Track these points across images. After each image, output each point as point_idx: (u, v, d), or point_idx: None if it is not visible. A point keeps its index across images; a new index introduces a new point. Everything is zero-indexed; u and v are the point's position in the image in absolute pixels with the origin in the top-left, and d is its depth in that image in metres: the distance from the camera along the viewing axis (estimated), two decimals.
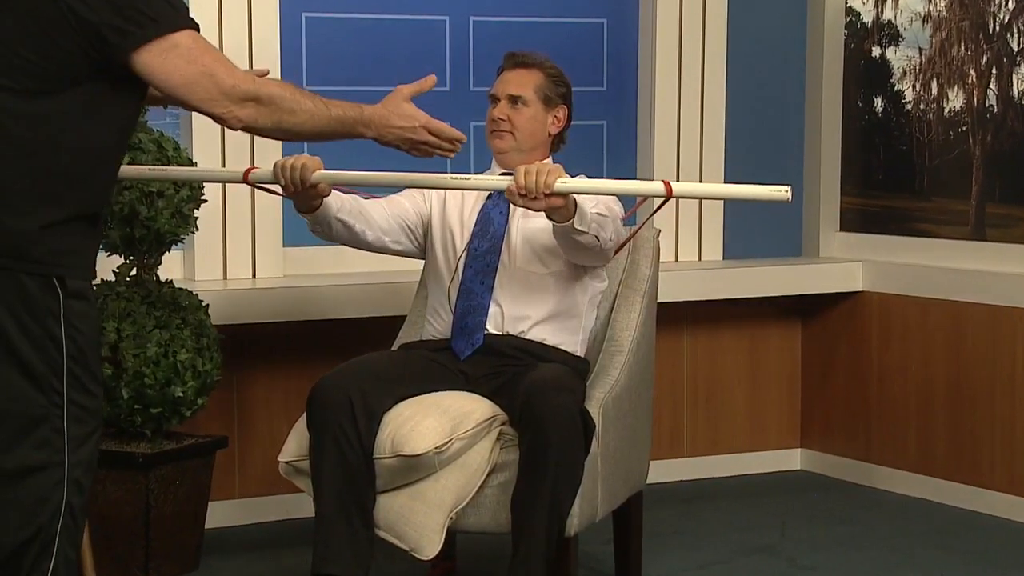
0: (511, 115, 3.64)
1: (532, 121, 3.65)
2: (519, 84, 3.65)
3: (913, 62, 4.85)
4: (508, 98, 3.65)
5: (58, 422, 2.40)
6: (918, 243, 4.82)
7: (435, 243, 3.69)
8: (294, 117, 2.57)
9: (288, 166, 3.25)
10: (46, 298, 2.37)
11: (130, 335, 3.70)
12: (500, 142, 3.66)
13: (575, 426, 3.29)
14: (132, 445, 3.79)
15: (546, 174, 3.15)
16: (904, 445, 4.79)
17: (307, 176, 3.26)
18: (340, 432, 3.31)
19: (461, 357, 3.57)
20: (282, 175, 3.25)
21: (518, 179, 3.15)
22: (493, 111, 3.66)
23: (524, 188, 3.14)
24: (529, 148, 3.66)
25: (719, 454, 5.01)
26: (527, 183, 3.15)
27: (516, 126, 3.65)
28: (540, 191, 3.14)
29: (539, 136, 3.67)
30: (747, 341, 5.04)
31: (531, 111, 3.65)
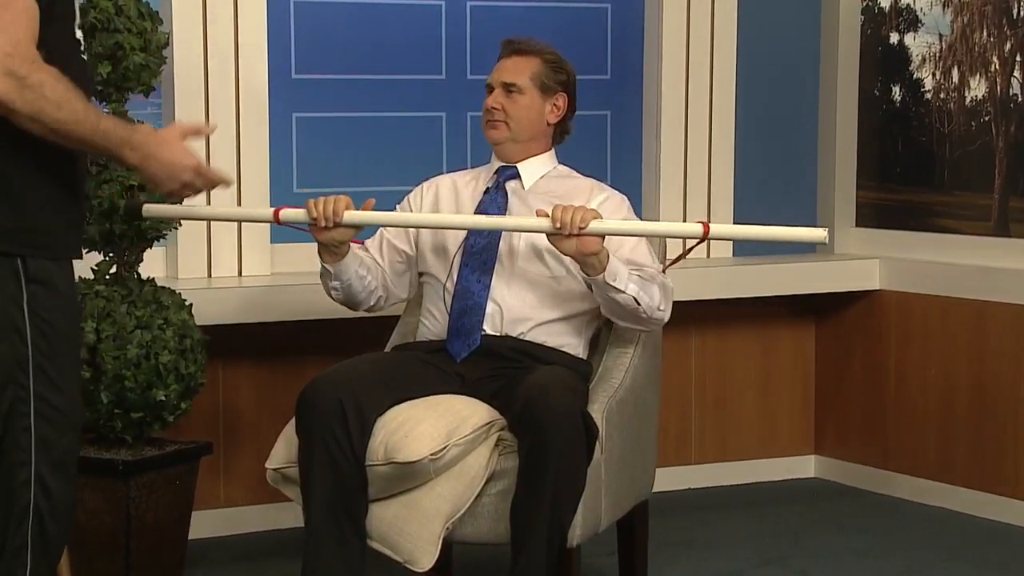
0: (505, 104, 3.65)
1: (528, 110, 3.65)
2: (514, 72, 3.66)
3: (933, 49, 4.85)
4: (502, 86, 3.65)
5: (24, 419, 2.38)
6: (938, 239, 4.82)
7: (428, 242, 3.69)
8: (58, 112, 2.47)
9: (321, 200, 3.43)
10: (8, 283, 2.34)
11: (110, 336, 3.70)
12: (495, 132, 3.67)
13: (577, 431, 3.29)
14: (112, 452, 3.79)
15: (583, 211, 3.32)
16: (924, 452, 4.79)
17: (340, 210, 3.42)
18: (331, 438, 3.31)
19: (457, 359, 3.57)
20: (314, 208, 3.42)
21: (554, 213, 3.33)
22: (488, 100, 3.66)
23: (559, 222, 3.31)
24: (526, 139, 3.67)
25: (729, 461, 5.01)
26: (563, 218, 3.31)
27: (511, 115, 3.65)
28: (575, 227, 3.31)
29: (537, 126, 3.67)
30: (758, 342, 5.04)
31: (527, 99, 3.66)
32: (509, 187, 3.69)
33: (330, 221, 3.42)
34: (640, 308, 3.47)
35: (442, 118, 4.70)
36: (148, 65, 3.75)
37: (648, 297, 3.48)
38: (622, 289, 3.44)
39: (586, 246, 3.35)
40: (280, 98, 4.47)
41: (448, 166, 4.58)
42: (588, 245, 3.35)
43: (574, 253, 3.37)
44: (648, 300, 3.48)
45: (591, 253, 3.37)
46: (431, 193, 3.76)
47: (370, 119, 4.62)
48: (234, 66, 4.32)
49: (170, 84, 4.24)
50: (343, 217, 3.42)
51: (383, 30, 4.62)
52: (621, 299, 3.45)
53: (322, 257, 3.55)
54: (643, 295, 3.47)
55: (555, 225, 3.33)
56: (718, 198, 4.94)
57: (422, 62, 4.67)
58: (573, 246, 3.35)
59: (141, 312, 3.74)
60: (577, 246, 3.35)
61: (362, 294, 3.66)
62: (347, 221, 3.43)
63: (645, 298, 3.47)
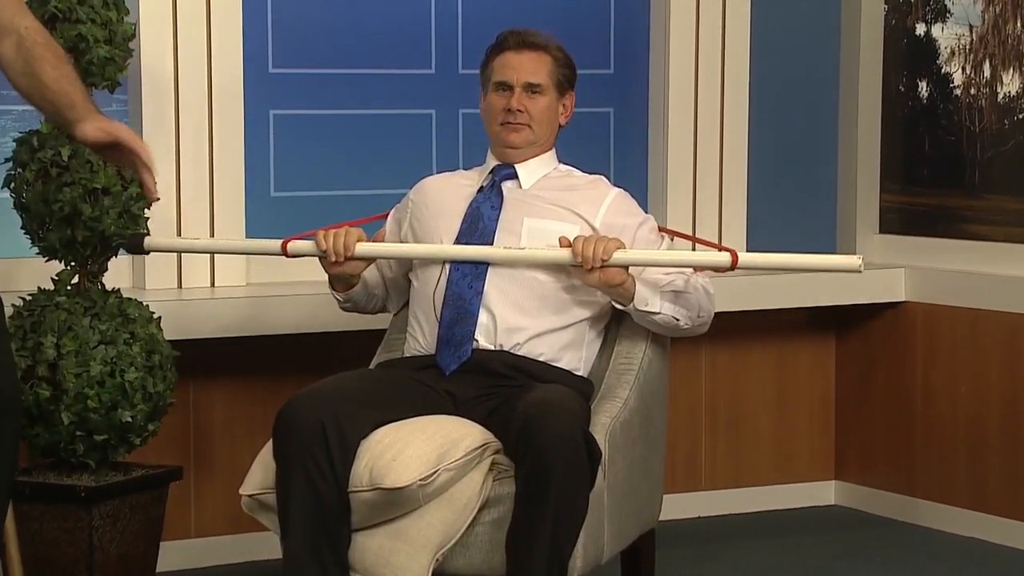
0: (528, 105, 3.67)
1: (549, 111, 3.69)
2: (534, 70, 3.67)
3: (963, 41, 4.86)
4: (525, 87, 3.66)
5: None
6: (968, 246, 4.82)
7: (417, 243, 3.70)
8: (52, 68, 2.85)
9: (332, 234, 3.50)
10: None
11: (71, 352, 3.69)
12: (516, 136, 3.67)
13: (578, 454, 3.29)
14: (73, 477, 3.79)
15: (605, 243, 3.41)
16: (953, 477, 4.79)
17: (352, 244, 3.50)
18: (311, 462, 3.31)
19: (446, 372, 3.57)
20: (324, 242, 3.50)
21: (576, 247, 3.42)
22: (510, 100, 3.66)
23: (580, 256, 3.41)
24: (544, 141, 3.71)
25: (742, 487, 5.01)
26: (584, 251, 3.41)
27: (534, 117, 3.67)
28: (598, 260, 3.40)
29: (554, 128, 3.74)
30: (774, 358, 5.04)
31: (547, 100, 3.69)
32: (505, 187, 3.69)
33: (340, 256, 3.51)
34: (680, 323, 3.60)
35: (431, 116, 4.70)
36: (113, 58, 3.75)
37: (686, 310, 3.59)
38: (656, 311, 3.55)
39: (610, 279, 3.46)
40: (256, 94, 4.46)
41: (438, 167, 4.58)
42: (612, 277, 3.46)
43: (598, 285, 3.48)
44: (686, 312, 3.59)
45: (616, 284, 3.47)
46: (421, 195, 3.76)
47: (354, 117, 4.62)
48: (206, 59, 4.32)
49: (137, 79, 4.24)
50: (355, 251, 3.51)
51: (368, 20, 4.62)
52: (660, 319, 3.57)
53: (333, 287, 3.67)
54: (680, 310, 3.58)
55: (576, 259, 3.43)
56: (730, 201, 4.94)
57: (410, 55, 4.67)
58: (596, 279, 3.46)
59: (105, 326, 3.74)
60: (601, 279, 3.45)
61: (370, 306, 3.80)
62: (359, 254, 3.53)
63: (683, 311, 3.59)
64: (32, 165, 3.73)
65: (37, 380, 3.69)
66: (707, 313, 3.65)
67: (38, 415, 3.70)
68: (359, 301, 3.75)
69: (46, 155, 3.71)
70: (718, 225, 4.95)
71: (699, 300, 3.61)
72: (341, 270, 3.57)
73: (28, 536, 3.72)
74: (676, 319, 3.58)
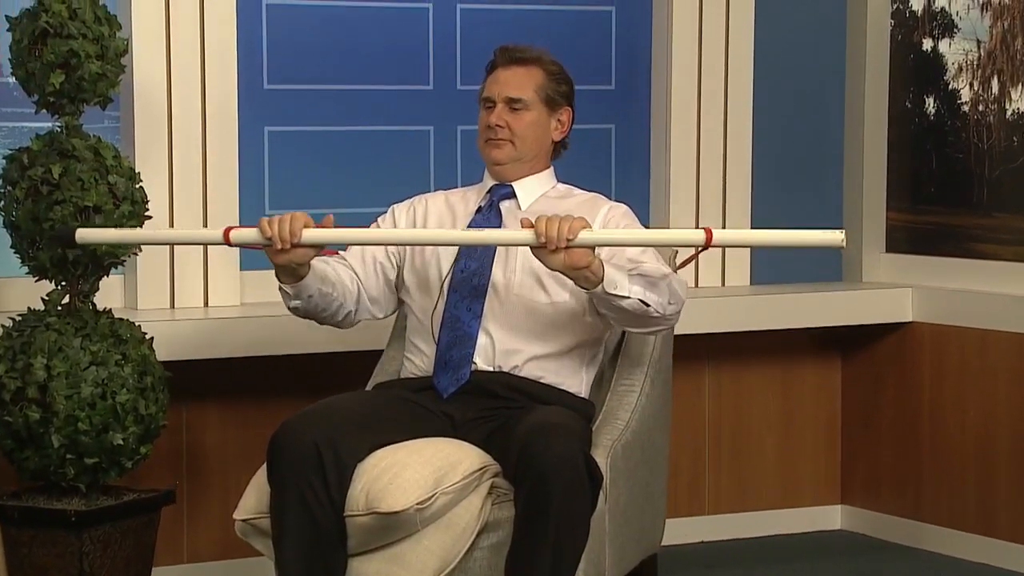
0: (510, 121, 3.65)
1: (534, 127, 3.66)
2: (518, 85, 3.66)
3: (970, 56, 4.87)
4: (506, 101, 3.66)
5: None
6: (977, 266, 4.83)
7: (413, 267, 3.70)
8: None
9: (276, 219, 3.36)
10: None
11: (62, 373, 3.69)
12: (498, 152, 3.67)
13: (579, 478, 3.29)
14: (63, 501, 3.78)
15: (570, 222, 3.27)
16: (962, 501, 4.79)
17: (297, 230, 3.35)
18: (306, 486, 3.31)
19: (444, 395, 3.57)
20: (269, 228, 3.36)
21: (538, 227, 3.28)
22: (489, 117, 3.66)
23: (545, 236, 3.26)
24: (531, 158, 3.68)
25: (746, 511, 5.01)
26: (548, 231, 3.27)
27: (516, 133, 3.66)
28: (562, 240, 3.26)
29: (542, 144, 3.69)
30: (779, 380, 5.04)
31: (533, 115, 3.67)
32: (504, 207, 3.70)
33: (287, 243, 3.36)
34: (650, 309, 3.44)
35: (429, 132, 4.71)
36: (105, 74, 3.75)
37: (656, 295, 3.44)
38: (626, 295, 3.40)
39: (575, 260, 3.30)
40: (251, 110, 4.47)
41: (436, 185, 4.58)
42: (577, 259, 3.30)
43: (562, 268, 3.32)
44: (657, 298, 3.44)
45: (582, 267, 3.33)
46: (421, 208, 3.76)
47: (350, 134, 4.63)
48: (200, 75, 4.33)
49: (129, 95, 4.25)
50: (301, 237, 3.36)
51: (365, 36, 4.63)
52: (627, 305, 3.41)
53: (279, 278, 3.51)
54: (650, 295, 3.43)
55: (539, 239, 3.29)
56: (733, 220, 4.94)
57: (407, 71, 4.68)
58: (560, 261, 3.30)
59: (97, 346, 3.74)
60: (565, 260, 3.30)
61: (326, 312, 3.62)
62: (306, 240, 3.37)
63: (653, 297, 3.43)
64: (22, 183, 3.73)
65: (27, 402, 3.68)
66: (678, 301, 3.49)
67: (28, 438, 3.70)
68: (313, 300, 3.55)
69: (36, 173, 3.71)
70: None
71: (670, 286, 3.47)
72: (288, 258, 3.40)
73: (17, 561, 3.72)
74: (646, 304, 3.42)
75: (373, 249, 3.71)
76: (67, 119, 3.76)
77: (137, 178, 3.83)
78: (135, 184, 3.81)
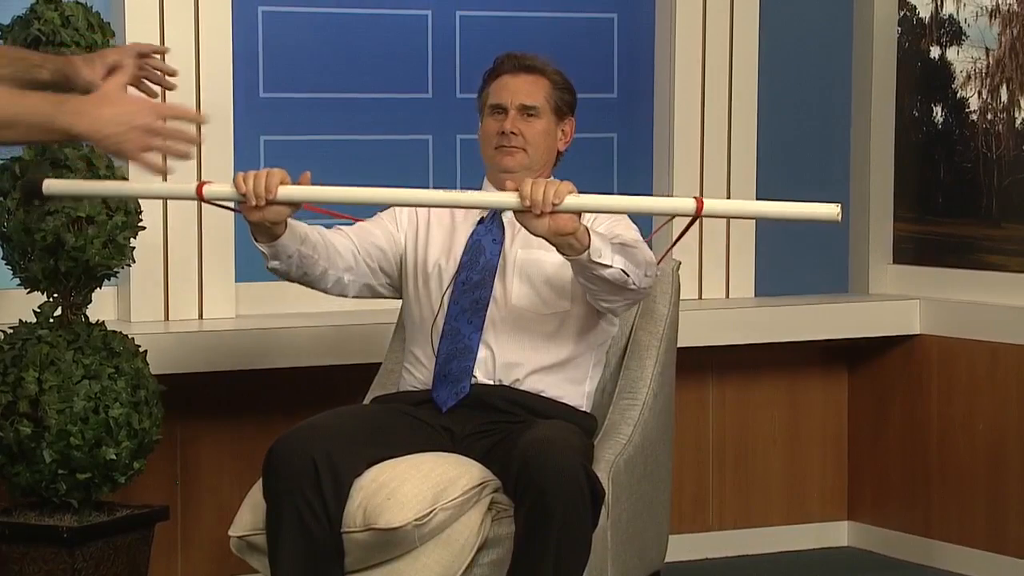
0: (523, 128, 3.66)
1: (545, 136, 3.67)
2: (530, 92, 3.67)
3: (979, 64, 4.87)
4: (520, 109, 3.66)
5: None
6: (985, 277, 4.83)
7: (415, 276, 3.70)
8: None
9: (251, 175, 3.30)
10: None
11: (54, 387, 3.69)
12: (511, 160, 3.67)
13: (581, 494, 3.28)
14: (55, 518, 3.78)
15: (556, 185, 3.21)
16: (972, 518, 4.78)
17: (273, 186, 3.29)
18: (302, 502, 3.30)
19: (444, 409, 3.57)
20: (244, 184, 3.29)
21: (523, 190, 3.22)
22: (503, 123, 3.66)
23: (530, 200, 3.20)
24: (539, 166, 3.69)
25: (751, 527, 5.01)
26: (533, 194, 3.20)
27: (529, 141, 3.66)
28: (548, 204, 3.19)
29: (551, 153, 3.71)
30: (784, 393, 5.04)
31: (544, 124, 3.68)
32: (506, 218, 3.70)
33: (262, 199, 3.28)
34: (629, 279, 3.40)
35: (428, 141, 4.71)
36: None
37: (634, 265, 3.41)
38: (608, 264, 3.36)
39: (560, 226, 3.24)
40: (246, 119, 4.48)
41: None
42: (563, 224, 3.24)
43: (546, 234, 3.26)
44: (635, 268, 3.41)
45: (567, 233, 3.27)
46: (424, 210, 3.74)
47: (348, 143, 4.63)
48: (195, 84, 4.33)
49: None
50: (277, 194, 3.29)
51: (362, 43, 4.63)
52: (608, 274, 3.37)
53: (255, 237, 3.45)
54: (631, 266, 3.39)
55: (524, 203, 3.22)
56: (738, 231, 4.94)
57: (406, 79, 4.68)
58: (545, 226, 3.23)
59: (89, 360, 3.74)
60: (550, 226, 3.24)
61: (309, 276, 3.57)
62: (282, 198, 3.30)
63: (632, 267, 3.40)
64: (14, 193, 3.74)
65: (18, 416, 3.68)
66: (652, 271, 3.47)
67: (19, 453, 3.70)
68: (293, 262, 3.50)
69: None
70: (726, 253, 4.95)
71: (644, 256, 3.45)
72: (262, 216, 3.32)
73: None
74: (626, 274, 3.38)
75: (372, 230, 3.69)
76: None
77: None
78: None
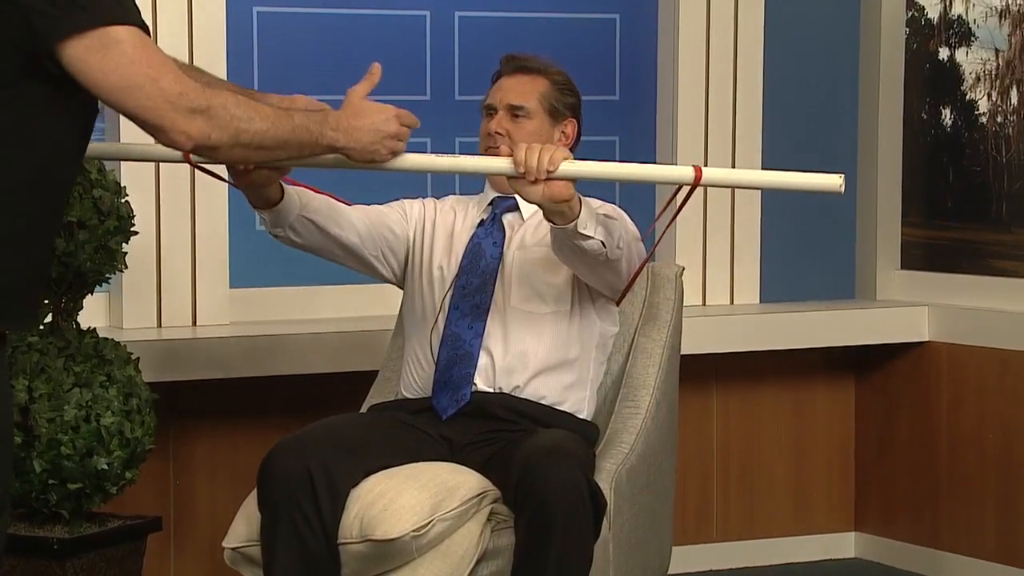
0: (510, 129, 3.65)
1: (535, 137, 3.65)
2: (520, 92, 3.67)
3: (988, 66, 4.87)
4: (507, 108, 3.66)
5: None
6: (995, 283, 4.83)
7: (419, 273, 3.69)
8: (253, 124, 2.64)
9: None
10: None
11: (44, 395, 3.69)
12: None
13: (582, 504, 3.28)
14: (46, 529, 3.78)
15: (552, 151, 3.19)
16: (980, 528, 4.78)
17: None
18: (298, 512, 3.30)
19: (444, 416, 3.56)
20: None
21: (517, 155, 3.19)
22: (489, 124, 3.67)
23: (524, 166, 3.18)
24: None
25: (756, 538, 5.00)
26: (528, 160, 3.18)
27: (515, 142, 3.65)
28: (543, 171, 3.17)
29: None
30: (790, 402, 5.03)
31: (534, 125, 3.67)
32: (506, 220, 3.69)
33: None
34: (605, 252, 3.38)
35: (426, 144, 4.71)
36: None
37: (611, 237, 3.39)
38: (591, 235, 3.33)
39: (555, 192, 3.21)
40: None
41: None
42: (558, 191, 3.21)
43: (540, 200, 3.23)
44: (611, 240, 3.39)
45: (561, 201, 3.24)
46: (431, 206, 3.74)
47: None
48: None
49: None
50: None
51: (359, 44, 4.63)
52: (588, 245, 3.35)
53: (252, 204, 3.46)
54: (608, 237, 3.37)
55: (518, 169, 3.20)
56: (743, 236, 4.94)
57: (404, 81, 4.68)
58: (539, 193, 3.20)
59: (80, 367, 3.74)
60: (545, 193, 3.21)
61: (315, 242, 3.57)
62: None
63: (609, 239, 3.38)
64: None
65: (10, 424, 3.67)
66: (625, 244, 3.44)
67: None
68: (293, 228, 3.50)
69: None
70: (730, 259, 4.95)
71: (621, 228, 3.44)
72: (250, 180, 3.32)
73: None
74: (604, 246, 3.36)
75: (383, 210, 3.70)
76: None
77: (123, 192, 3.83)
78: (120, 199, 3.81)
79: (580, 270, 3.53)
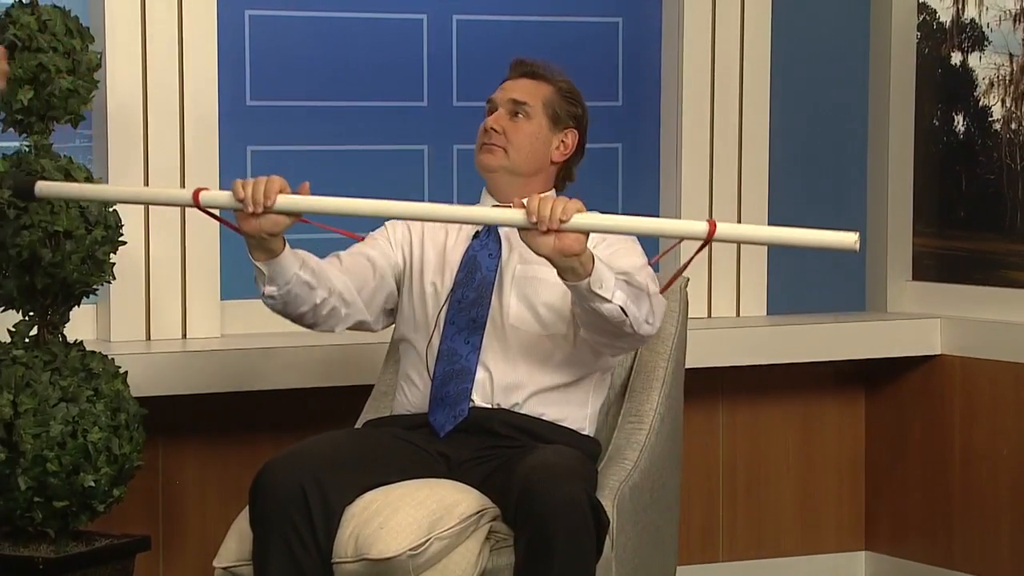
0: (508, 127, 3.66)
1: (532, 139, 3.67)
2: (525, 92, 3.68)
3: (1002, 71, 4.88)
4: (509, 105, 3.67)
5: None
6: (1009, 295, 4.83)
7: (409, 295, 3.70)
8: None
9: (251, 181, 3.32)
10: None
11: (29, 410, 3.69)
12: (489, 157, 3.67)
13: (584, 522, 3.28)
14: (31, 548, 3.78)
15: (565, 202, 3.23)
16: (995, 548, 4.78)
17: (272, 192, 3.31)
18: (291, 530, 3.31)
19: (441, 434, 3.57)
20: (243, 190, 3.31)
21: (530, 205, 3.23)
22: (487, 120, 3.68)
23: (536, 216, 3.21)
24: (526, 172, 3.67)
25: (763, 558, 5.00)
26: (540, 211, 3.21)
27: (511, 141, 3.66)
28: (555, 221, 3.20)
29: (539, 160, 3.69)
30: (798, 417, 5.04)
31: (533, 126, 3.68)
32: (503, 231, 3.70)
33: (259, 205, 3.30)
34: (627, 321, 3.38)
35: (423, 152, 4.72)
36: (77, 90, 3.76)
37: (635, 306, 3.39)
38: (608, 298, 3.34)
39: (567, 246, 3.24)
40: (232, 128, 4.48)
41: None
42: (569, 245, 3.24)
43: (551, 254, 3.26)
44: (636, 311, 3.39)
45: (572, 255, 3.27)
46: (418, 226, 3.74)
47: (339, 153, 4.64)
48: (178, 91, 4.34)
49: (103, 112, 4.26)
50: (275, 201, 3.30)
51: (355, 49, 4.64)
52: (606, 310, 3.36)
53: (252, 254, 3.45)
54: (631, 306, 3.37)
55: (530, 219, 3.23)
56: (749, 247, 4.94)
57: (400, 86, 4.69)
58: (551, 245, 3.24)
59: (67, 382, 3.74)
60: (555, 245, 3.24)
61: (306, 306, 3.55)
62: (280, 207, 3.31)
63: (633, 308, 3.38)
64: None
65: None
66: (652, 324, 3.44)
67: None
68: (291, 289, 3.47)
69: (3, 195, 3.72)
70: (736, 269, 4.96)
71: (651, 305, 3.43)
72: (259, 224, 3.32)
73: None
74: (625, 313, 3.35)
75: (368, 252, 3.69)
76: (36, 138, 3.77)
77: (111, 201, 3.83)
78: (108, 208, 3.81)
79: (596, 335, 3.49)
